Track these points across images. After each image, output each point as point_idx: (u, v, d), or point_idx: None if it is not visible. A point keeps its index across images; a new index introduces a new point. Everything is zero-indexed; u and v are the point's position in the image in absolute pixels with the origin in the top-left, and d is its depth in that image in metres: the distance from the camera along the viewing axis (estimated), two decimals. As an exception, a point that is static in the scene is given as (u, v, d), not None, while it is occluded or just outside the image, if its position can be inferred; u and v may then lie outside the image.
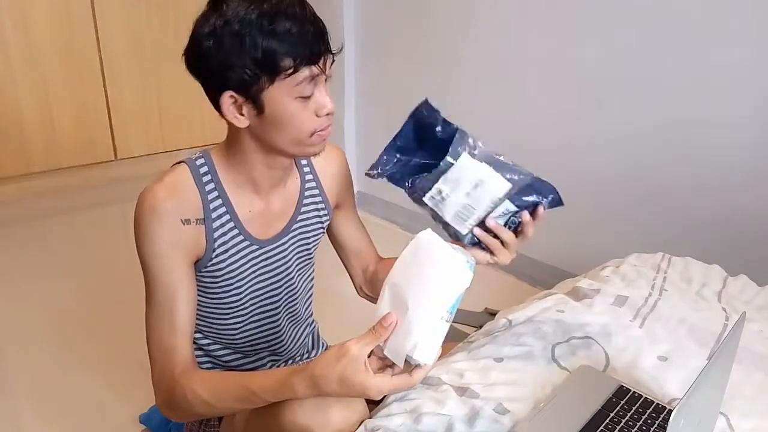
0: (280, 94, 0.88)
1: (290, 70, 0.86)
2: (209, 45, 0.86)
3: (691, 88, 1.79)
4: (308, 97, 0.89)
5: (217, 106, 0.91)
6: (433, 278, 0.76)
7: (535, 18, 2.13)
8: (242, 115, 0.91)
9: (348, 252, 1.23)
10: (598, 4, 1.95)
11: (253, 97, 0.88)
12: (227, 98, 0.89)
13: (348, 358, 0.75)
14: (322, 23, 0.90)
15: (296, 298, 1.15)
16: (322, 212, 1.13)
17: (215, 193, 0.98)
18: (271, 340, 1.15)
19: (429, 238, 0.78)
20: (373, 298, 1.22)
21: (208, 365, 1.15)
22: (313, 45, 0.86)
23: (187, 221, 0.94)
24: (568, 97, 2.10)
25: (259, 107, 0.89)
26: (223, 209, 0.99)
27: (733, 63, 1.70)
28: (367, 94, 2.85)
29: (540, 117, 2.20)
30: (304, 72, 0.87)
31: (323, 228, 1.15)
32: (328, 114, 0.92)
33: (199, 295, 1.02)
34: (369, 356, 0.77)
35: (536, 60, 2.16)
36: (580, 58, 2.03)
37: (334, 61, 0.92)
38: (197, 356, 1.12)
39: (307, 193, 1.10)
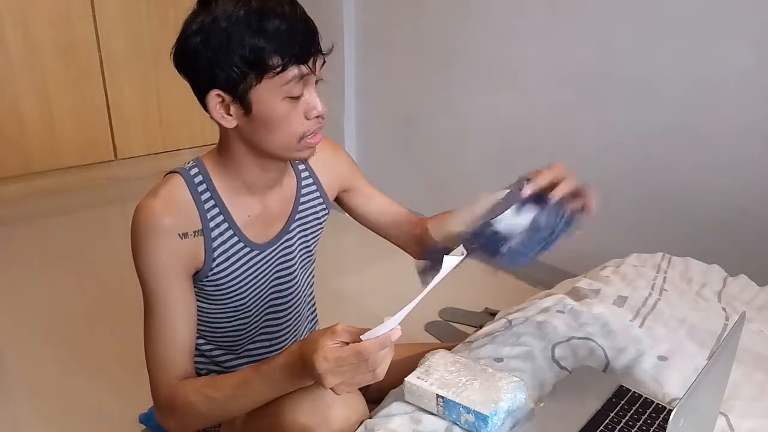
0: (267, 94, 0.86)
1: (278, 69, 0.84)
2: (197, 42, 0.85)
3: (692, 88, 1.79)
4: (297, 98, 0.88)
5: (205, 106, 0.90)
6: None
7: (534, 18, 2.12)
8: (230, 115, 0.89)
9: (382, 227, 1.20)
10: (598, 4, 1.95)
11: (240, 96, 0.87)
12: (214, 97, 0.88)
13: (329, 329, 0.76)
14: (313, 23, 0.88)
15: (300, 296, 1.15)
16: (319, 208, 1.12)
17: (212, 202, 0.96)
18: (275, 341, 1.14)
19: None
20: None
21: (207, 370, 1.14)
22: (303, 43, 0.85)
23: (184, 235, 0.93)
24: (568, 97, 2.10)
25: (246, 107, 0.87)
26: (221, 218, 0.97)
27: (734, 63, 1.70)
28: (367, 94, 2.85)
29: (540, 117, 2.20)
30: (293, 71, 0.85)
31: (321, 225, 1.14)
32: (318, 116, 0.91)
33: (201, 302, 1.01)
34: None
35: (536, 60, 2.16)
36: (580, 58, 2.03)
37: (324, 62, 0.91)
38: (198, 361, 1.12)
39: (304, 191, 1.09)
